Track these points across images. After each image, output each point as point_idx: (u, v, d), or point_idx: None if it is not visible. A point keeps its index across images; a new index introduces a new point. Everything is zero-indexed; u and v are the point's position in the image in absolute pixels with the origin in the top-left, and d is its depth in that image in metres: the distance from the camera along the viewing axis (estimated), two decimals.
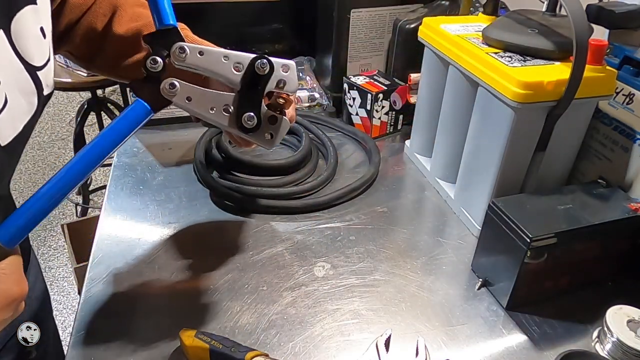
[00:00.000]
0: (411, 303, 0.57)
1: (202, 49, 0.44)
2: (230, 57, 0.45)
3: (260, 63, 0.45)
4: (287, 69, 0.46)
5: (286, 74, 0.46)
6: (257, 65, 0.45)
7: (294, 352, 0.50)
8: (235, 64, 0.45)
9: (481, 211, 0.62)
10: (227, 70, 0.45)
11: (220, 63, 0.45)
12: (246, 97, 0.46)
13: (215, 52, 0.45)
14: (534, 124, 0.59)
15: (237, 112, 0.46)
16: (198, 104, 0.45)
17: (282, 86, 0.46)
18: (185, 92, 0.45)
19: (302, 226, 0.68)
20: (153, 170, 0.78)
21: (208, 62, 0.45)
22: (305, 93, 0.96)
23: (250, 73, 0.45)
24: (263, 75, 0.45)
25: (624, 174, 0.62)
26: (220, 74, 0.46)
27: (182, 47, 0.43)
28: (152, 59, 0.43)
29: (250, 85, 0.46)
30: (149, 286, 0.57)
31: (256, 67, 0.45)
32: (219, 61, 0.45)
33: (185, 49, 0.44)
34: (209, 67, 0.45)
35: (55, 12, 0.55)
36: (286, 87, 0.46)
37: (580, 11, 0.53)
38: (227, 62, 0.45)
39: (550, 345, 0.53)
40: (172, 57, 0.44)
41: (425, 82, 0.78)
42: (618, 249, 0.58)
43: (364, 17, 0.91)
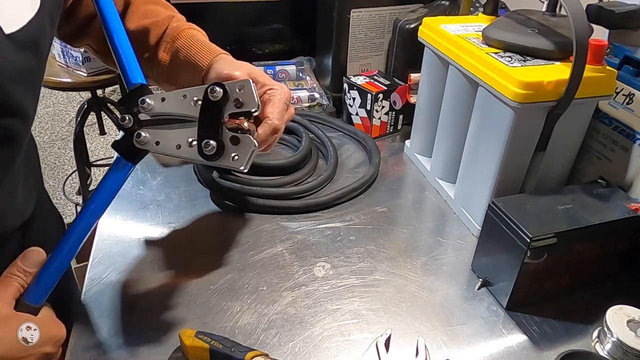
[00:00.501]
0: (411, 303, 0.57)
1: (163, 95, 0.48)
2: (188, 94, 0.48)
3: (210, 90, 0.46)
4: (242, 88, 0.47)
5: (241, 92, 0.47)
6: (208, 92, 0.46)
7: (294, 352, 0.50)
8: (194, 98, 0.47)
9: (481, 211, 0.62)
10: (189, 107, 0.48)
11: (181, 102, 0.48)
12: (205, 126, 0.47)
13: (175, 95, 0.48)
14: (534, 124, 0.59)
15: (199, 141, 0.47)
16: (165, 144, 0.48)
17: (240, 105, 0.47)
18: (154, 138, 0.48)
19: (302, 226, 0.68)
20: (153, 170, 0.78)
21: (171, 106, 0.48)
22: (305, 93, 0.96)
23: (206, 103, 0.47)
24: (217, 101, 0.46)
25: (624, 174, 0.62)
26: (185, 113, 0.48)
27: (143, 100, 0.47)
28: (121, 117, 0.47)
29: (207, 113, 0.47)
30: (149, 286, 0.57)
31: (209, 94, 0.46)
32: (180, 101, 0.48)
33: (147, 101, 0.47)
34: (172, 110, 0.48)
35: (74, 3, 0.58)
36: (245, 105, 0.47)
37: (580, 11, 0.53)
38: (186, 100, 0.48)
39: (550, 345, 0.53)
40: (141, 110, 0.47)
41: (425, 82, 0.78)
42: (618, 249, 0.59)
43: (364, 17, 0.91)
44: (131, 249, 0.63)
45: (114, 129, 2.55)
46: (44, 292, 0.45)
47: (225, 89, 0.46)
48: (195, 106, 0.47)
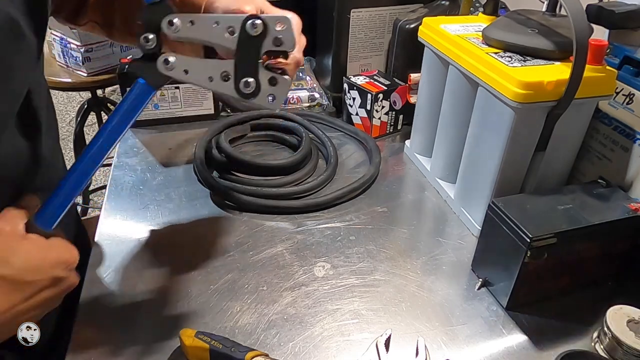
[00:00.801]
0: (411, 303, 0.57)
1: (192, 17, 0.43)
2: (221, 22, 0.43)
3: (251, 23, 0.43)
4: (283, 25, 0.43)
5: (282, 30, 0.44)
6: (249, 26, 0.43)
7: (294, 352, 0.50)
8: (228, 27, 0.43)
9: (481, 211, 0.62)
10: (220, 36, 0.44)
11: (212, 29, 0.43)
12: (242, 61, 0.44)
13: (206, 19, 0.43)
14: (534, 124, 0.59)
15: (235, 79, 0.45)
16: (196, 75, 0.45)
17: (280, 44, 0.44)
18: (182, 65, 0.44)
19: (302, 226, 0.68)
20: (153, 170, 0.78)
21: (200, 30, 0.43)
22: (305, 93, 0.96)
23: (243, 36, 0.43)
24: (256, 36, 0.43)
25: (624, 174, 0.62)
26: (214, 42, 0.44)
27: (170, 20, 0.42)
28: (144, 37, 0.42)
29: (245, 48, 0.44)
30: (149, 286, 0.57)
31: (248, 28, 0.43)
32: (211, 28, 0.43)
33: (174, 22, 0.42)
34: (201, 36, 0.44)
35: None
36: (283, 45, 0.44)
37: (580, 11, 0.53)
38: (218, 27, 0.43)
39: (550, 345, 0.53)
40: (164, 31, 0.42)
41: (425, 82, 0.78)
42: (618, 249, 0.58)
43: (364, 17, 0.91)
44: (131, 249, 0.62)
45: None
46: (54, 215, 0.44)
47: (266, 24, 0.43)
48: (229, 37, 0.43)
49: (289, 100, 0.95)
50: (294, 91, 0.96)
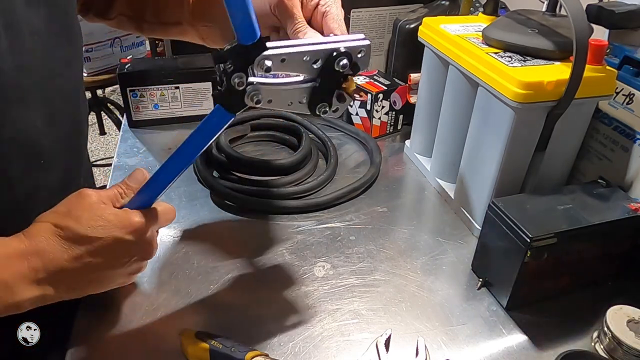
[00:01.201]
0: (411, 303, 0.57)
1: (283, 56, 0.44)
2: (310, 56, 0.45)
3: (341, 64, 0.44)
4: (362, 52, 0.45)
5: (360, 57, 0.45)
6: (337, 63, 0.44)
7: (294, 352, 0.50)
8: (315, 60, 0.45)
9: (481, 211, 0.62)
10: (306, 68, 0.45)
11: (301, 64, 0.45)
12: (322, 88, 0.46)
13: (296, 55, 0.44)
14: (534, 124, 0.59)
15: (311, 101, 0.47)
16: (278, 103, 0.46)
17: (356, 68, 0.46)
18: (267, 97, 0.45)
19: (302, 226, 0.68)
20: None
21: (290, 67, 0.45)
22: None
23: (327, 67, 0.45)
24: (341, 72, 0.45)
25: (624, 174, 0.62)
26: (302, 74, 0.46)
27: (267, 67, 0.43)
28: (238, 78, 0.43)
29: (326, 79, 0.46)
30: (149, 286, 0.57)
31: (336, 66, 0.45)
32: (300, 62, 0.45)
33: (268, 65, 0.43)
34: (290, 72, 0.45)
35: None
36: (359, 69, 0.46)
37: (580, 11, 0.53)
38: (307, 61, 0.45)
39: (550, 345, 0.53)
40: (256, 70, 0.43)
41: (425, 82, 0.78)
42: (618, 249, 0.58)
43: (364, 17, 0.91)
44: None
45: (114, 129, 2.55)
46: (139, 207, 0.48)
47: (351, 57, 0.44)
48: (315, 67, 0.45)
49: None
50: None
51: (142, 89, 0.86)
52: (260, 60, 0.43)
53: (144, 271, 0.52)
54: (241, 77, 0.43)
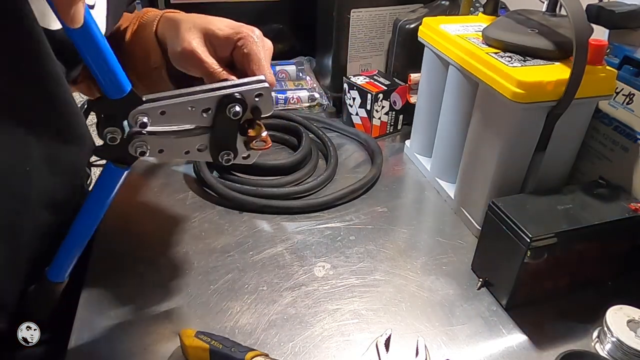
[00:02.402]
0: (411, 303, 0.57)
1: (162, 107, 0.40)
2: (196, 105, 0.41)
3: (232, 111, 0.41)
4: (260, 96, 0.42)
5: (259, 100, 0.42)
6: (229, 112, 0.41)
7: (294, 352, 0.50)
8: (204, 109, 0.41)
9: (481, 211, 0.62)
10: (197, 118, 0.42)
11: (187, 114, 0.41)
12: (219, 137, 0.43)
13: (178, 106, 0.40)
14: (534, 124, 0.59)
15: (212, 151, 0.44)
16: (171, 153, 0.43)
17: (257, 113, 0.43)
18: (156, 147, 0.42)
19: (302, 226, 0.68)
20: (153, 170, 0.78)
21: (174, 119, 0.41)
22: (305, 93, 0.96)
23: (220, 116, 0.41)
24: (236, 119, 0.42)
25: (624, 174, 0.62)
26: (191, 124, 0.42)
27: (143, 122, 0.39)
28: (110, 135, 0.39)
29: (222, 126, 0.42)
30: (149, 286, 0.57)
31: (228, 113, 0.41)
32: (186, 113, 0.41)
33: (144, 121, 0.39)
34: (175, 122, 0.42)
35: None
36: (262, 112, 0.43)
37: (580, 11, 0.53)
38: (194, 111, 0.41)
39: (550, 345, 0.53)
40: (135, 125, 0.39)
41: (425, 82, 0.78)
42: (618, 249, 0.58)
43: (364, 17, 0.91)
44: (131, 249, 0.62)
45: None
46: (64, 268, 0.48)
47: (245, 103, 0.41)
48: (205, 116, 0.42)
49: (289, 101, 0.95)
50: (293, 91, 0.96)
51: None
52: (135, 115, 0.39)
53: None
54: (114, 132, 0.39)
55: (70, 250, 0.47)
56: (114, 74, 0.38)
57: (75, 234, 0.46)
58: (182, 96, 0.41)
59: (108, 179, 0.44)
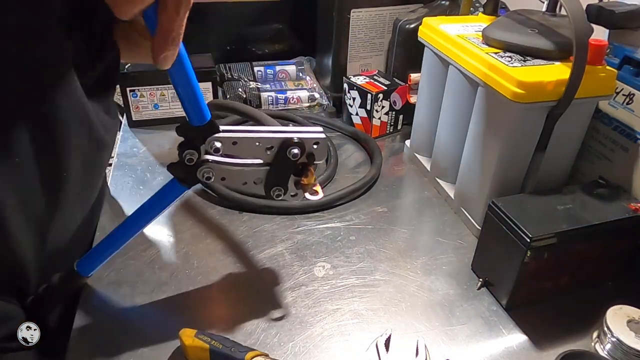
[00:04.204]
0: (411, 303, 0.57)
1: (235, 139, 0.46)
2: (262, 142, 0.46)
3: (289, 151, 0.46)
4: (318, 144, 0.47)
5: (316, 148, 0.47)
6: (289, 152, 0.46)
7: (294, 352, 0.50)
8: (268, 147, 0.47)
9: (481, 211, 0.62)
10: (260, 153, 0.47)
11: (252, 149, 0.47)
12: (276, 173, 0.48)
13: (247, 140, 0.46)
14: (534, 124, 0.59)
15: (266, 184, 0.49)
16: (231, 181, 0.48)
17: (312, 158, 0.48)
18: (219, 175, 0.47)
19: (302, 226, 0.68)
20: (153, 170, 0.78)
21: (241, 150, 0.47)
22: (305, 93, 0.96)
23: (281, 157, 0.47)
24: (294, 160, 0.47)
25: (624, 174, 0.62)
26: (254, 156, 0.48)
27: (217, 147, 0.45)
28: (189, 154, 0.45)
29: (280, 164, 0.47)
30: (149, 286, 0.57)
31: (288, 154, 0.46)
32: (252, 147, 0.47)
33: (219, 147, 0.45)
34: (242, 154, 0.47)
35: None
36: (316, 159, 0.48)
37: (580, 11, 0.53)
38: (259, 147, 0.47)
39: (550, 345, 0.53)
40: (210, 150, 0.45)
41: (425, 82, 0.78)
42: (618, 249, 0.58)
43: (364, 17, 0.91)
44: (131, 249, 0.62)
45: None
46: (94, 265, 0.50)
47: (304, 147, 0.46)
48: (268, 153, 0.47)
49: (289, 100, 0.95)
50: (293, 91, 0.96)
51: (142, 89, 0.86)
52: (211, 141, 0.45)
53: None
54: (192, 154, 0.45)
55: (106, 249, 0.49)
56: (199, 104, 0.43)
57: (116, 236, 0.49)
58: (252, 132, 0.47)
59: (168, 193, 0.49)
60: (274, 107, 0.95)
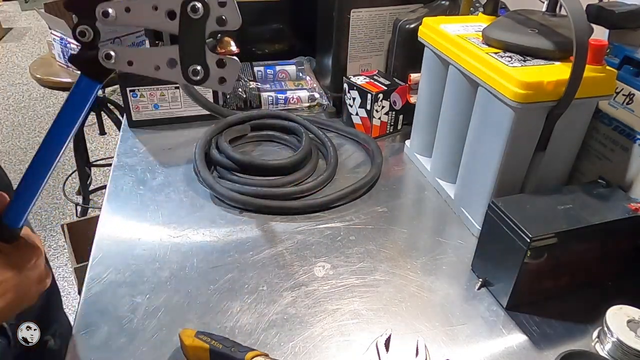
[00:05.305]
0: (411, 303, 0.57)
1: (128, 4, 0.41)
2: (160, 5, 0.42)
3: (191, 7, 0.41)
4: (224, 4, 0.42)
5: (224, 9, 0.42)
6: (189, 9, 0.41)
7: (294, 352, 0.50)
8: (167, 11, 0.42)
9: (481, 211, 0.62)
10: (161, 21, 0.42)
11: (151, 14, 0.42)
12: (187, 47, 0.43)
13: (143, 4, 0.42)
14: (534, 124, 0.59)
15: (182, 65, 0.44)
16: (141, 65, 0.43)
17: (223, 24, 0.42)
18: (125, 57, 0.43)
19: (302, 226, 0.68)
20: (153, 170, 0.78)
21: (139, 17, 0.42)
22: (305, 93, 0.96)
23: (185, 19, 0.42)
24: (198, 19, 0.42)
25: (624, 174, 0.62)
26: (155, 27, 0.43)
27: (105, 11, 0.41)
28: (79, 31, 0.41)
29: (188, 33, 0.42)
30: (149, 286, 0.57)
31: (189, 12, 0.41)
32: (150, 12, 0.42)
33: (108, 12, 0.41)
34: (140, 22, 0.43)
35: None
36: (228, 24, 0.42)
37: (580, 11, 0.53)
38: (158, 12, 0.42)
39: (550, 345, 0.53)
40: (99, 20, 0.41)
41: (425, 82, 0.78)
42: (618, 249, 0.58)
43: (364, 17, 0.91)
44: (131, 249, 0.63)
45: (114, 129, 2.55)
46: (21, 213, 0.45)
47: (207, 5, 0.41)
48: (169, 21, 0.42)
49: (289, 100, 0.95)
50: (293, 91, 0.96)
51: (142, 89, 0.86)
52: (105, 11, 0.41)
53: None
54: (84, 33, 0.41)
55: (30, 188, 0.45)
56: None
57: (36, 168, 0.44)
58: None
59: (79, 96, 0.43)
60: (274, 107, 0.95)
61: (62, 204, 2.23)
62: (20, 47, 3.97)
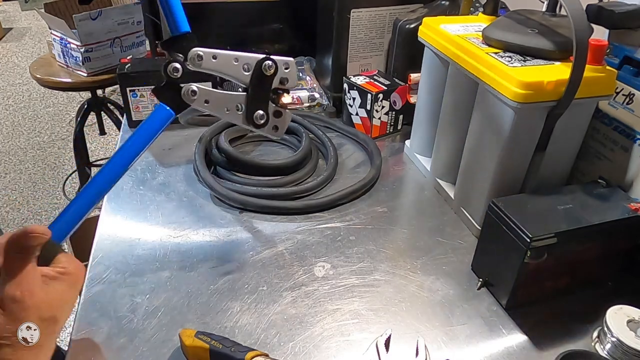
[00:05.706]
0: (411, 303, 0.57)
1: (215, 53, 0.50)
2: (240, 59, 0.51)
3: (266, 65, 0.51)
4: (288, 67, 0.53)
5: (287, 72, 0.53)
6: (264, 66, 0.51)
7: (294, 352, 0.50)
8: (244, 65, 0.51)
9: (481, 211, 0.62)
10: (238, 72, 0.51)
11: (231, 65, 0.51)
12: (255, 96, 0.52)
13: (227, 56, 0.51)
14: (534, 124, 0.59)
15: (247, 110, 0.53)
16: (214, 106, 0.52)
17: (284, 82, 0.53)
18: (204, 96, 0.51)
19: (302, 226, 0.68)
20: (153, 170, 0.78)
21: (221, 65, 0.51)
22: (305, 93, 0.96)
23: (257, 73, 0.51)
24: (269, 75, 0.51)
25: (624, 174, 0.62)
26: (232, 75, 0.52)
27: (198, 54, 0.49)
28: (173, 67, 0.48)
29: (258, 84, 0.52)
30: (149, 286, 0.57)
31: (263, 69, 0.51)
32: (231, 64, 0.51)
33: (201, 55, 0.49)
34: (221, 70, 0.51)
35: None
36: (288, 83, 0.53)
37: (580, 11, 0.53)
38: (237, 64, 0.51)
39: (550, 345, 0.53)
40: (189, 62, 0.49)
41: (425, 82, 0.78)
42: (618, 249, 0.58)
43: (364, 17, 0.91)
44: (131, 249, 0.63)
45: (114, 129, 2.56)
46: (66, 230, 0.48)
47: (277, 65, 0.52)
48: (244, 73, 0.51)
49: None
50: (294, 91, 0.96)
51: (142, 89, 0.86)
52: (193, 52, 0.49)
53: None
54: (177, 69, 0.49)
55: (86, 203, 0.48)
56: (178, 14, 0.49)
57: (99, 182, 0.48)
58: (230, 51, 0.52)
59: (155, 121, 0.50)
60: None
61: (62, 204, 2.23)
62: (20, 47, 3.98)
